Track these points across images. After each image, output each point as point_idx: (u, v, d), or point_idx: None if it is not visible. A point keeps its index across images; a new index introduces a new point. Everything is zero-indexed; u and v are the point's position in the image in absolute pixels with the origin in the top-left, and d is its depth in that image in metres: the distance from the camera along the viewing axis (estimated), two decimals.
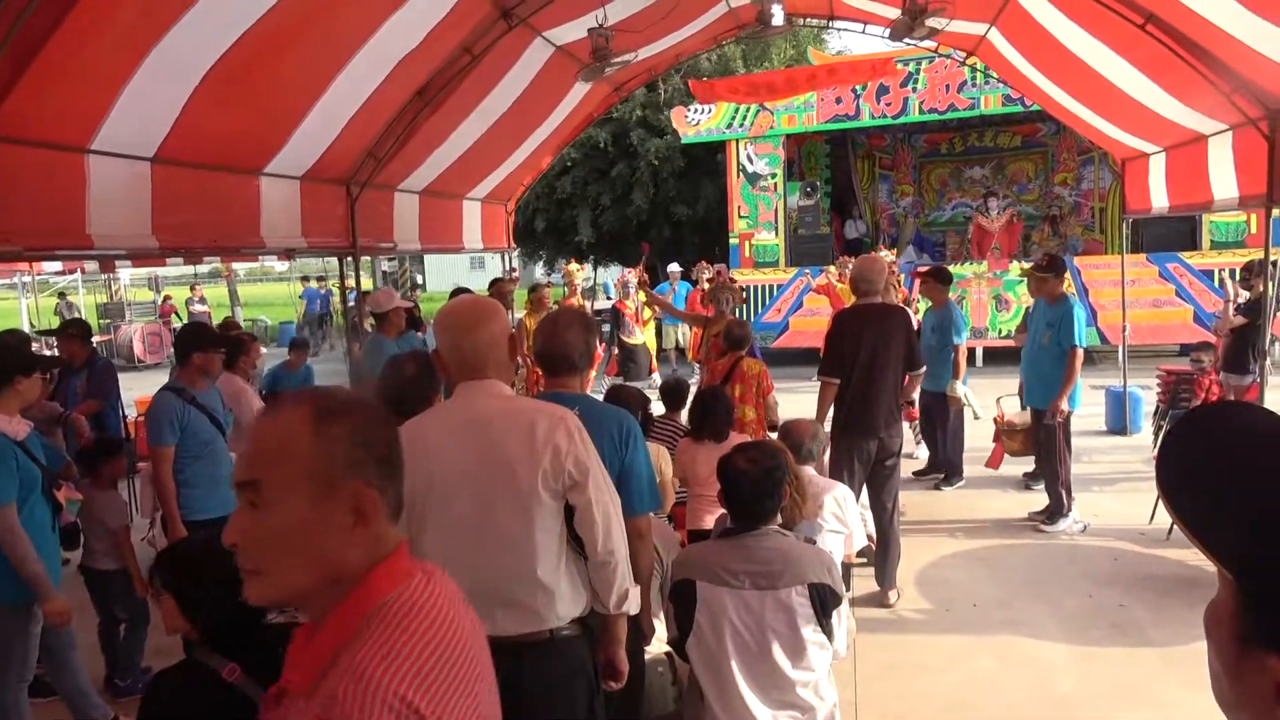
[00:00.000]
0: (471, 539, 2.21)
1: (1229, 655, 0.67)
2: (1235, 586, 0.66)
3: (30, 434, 3.64)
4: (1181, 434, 0.76)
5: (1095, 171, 15.48)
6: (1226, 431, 0.73)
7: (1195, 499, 0.70)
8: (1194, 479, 0.71)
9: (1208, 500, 0.69)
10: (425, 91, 5.96)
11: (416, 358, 3.13)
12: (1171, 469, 0.73)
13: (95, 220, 4.04)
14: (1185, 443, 0.75)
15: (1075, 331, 5.92)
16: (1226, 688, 0.69)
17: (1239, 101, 5.22)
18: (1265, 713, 0.63)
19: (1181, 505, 0.71)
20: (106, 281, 21.91)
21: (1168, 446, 0.75)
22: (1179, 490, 0.72)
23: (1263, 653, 0.62)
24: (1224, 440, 0.72)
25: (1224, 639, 0.68)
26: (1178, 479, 0.73)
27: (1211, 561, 0.68)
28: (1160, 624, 4.65)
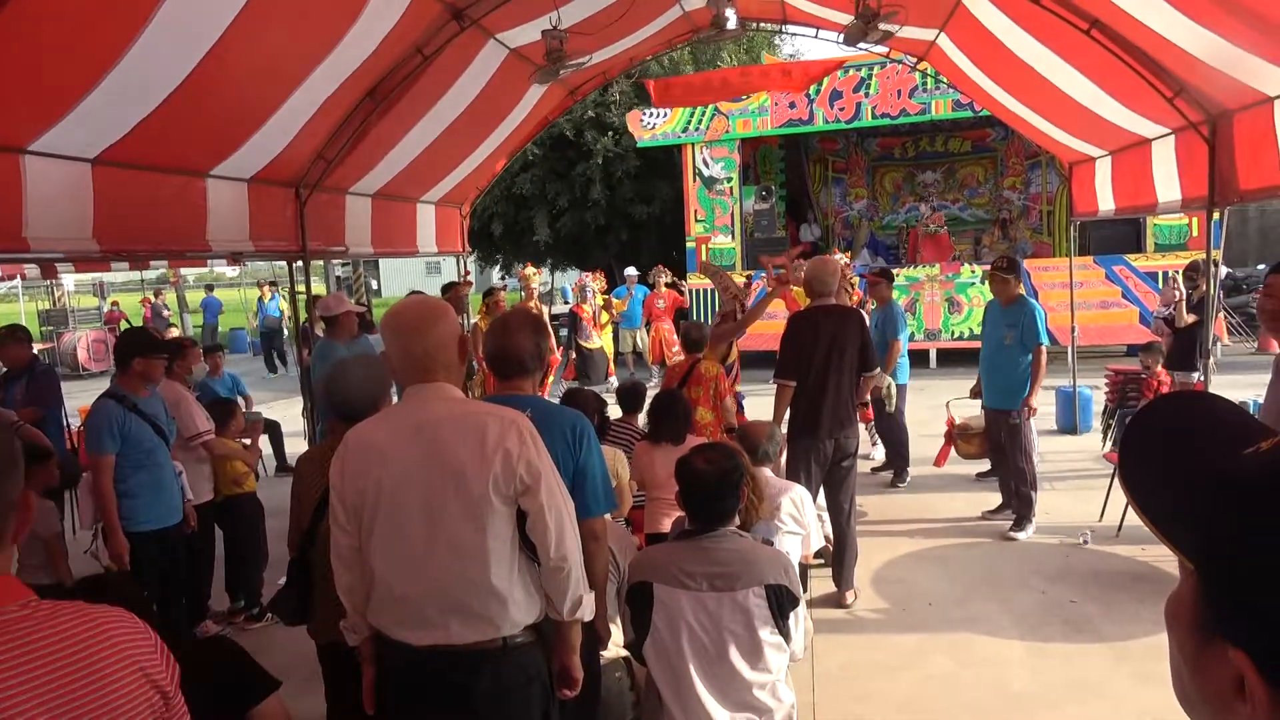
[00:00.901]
0: (421, 546, 2.15)
1: (1189, 648, 0.66)
2: (1196, 578, 0.65)
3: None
4: (1141, 425, 0.75)
5: (1043, 175, 15.77)
6: (1185, 421, 0.73)
7: (1155, 490, 0.70)
8: (1153, 470, 0.71)
9: (1168, 491, 0.68)
10: (376, 92, 5.87)
11: (364, 362, 3.06)
12: (1131, 460, 0.73)
13: (33, 222, 3.92)
14: (1145, 433, 0.74)
15: (1039, 330, 6.01)
16: (1187, 681, 0.67)
17: (1181, 105, 5.34)
18: (1224, 707, 0.62)
19: (1142, 497, 0.70)
20: (49, 287, 21.34)
21: (1128, 438, 0.74)
22: (1139, 481, 0.71)
23: (1223, 645, 0.61)
24: (1182, 430, 0.71)
25: (1185, 632, 0.66)
26: (1138, 470, 0.72)
27: (1173, 553, 0.67)
28: (1111, 619, 4.71)
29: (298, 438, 8.91)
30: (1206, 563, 0.64)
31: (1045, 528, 6.14)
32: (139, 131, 4.28)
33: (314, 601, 2.93)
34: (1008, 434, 6.17)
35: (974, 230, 16.17)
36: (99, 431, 4.08)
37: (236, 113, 4.90)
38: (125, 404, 4.16)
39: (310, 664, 3.10)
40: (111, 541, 4.08)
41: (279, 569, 3.16)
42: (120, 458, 4.10)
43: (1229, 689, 0.61)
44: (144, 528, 4.16)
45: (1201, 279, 7.83)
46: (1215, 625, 0.63)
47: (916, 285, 13.58)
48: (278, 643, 4.62)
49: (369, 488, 2.19)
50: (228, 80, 4.47)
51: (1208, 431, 0.69)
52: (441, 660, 2.18)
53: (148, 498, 4.19)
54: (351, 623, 2.34)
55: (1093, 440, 8.48)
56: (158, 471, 4.25)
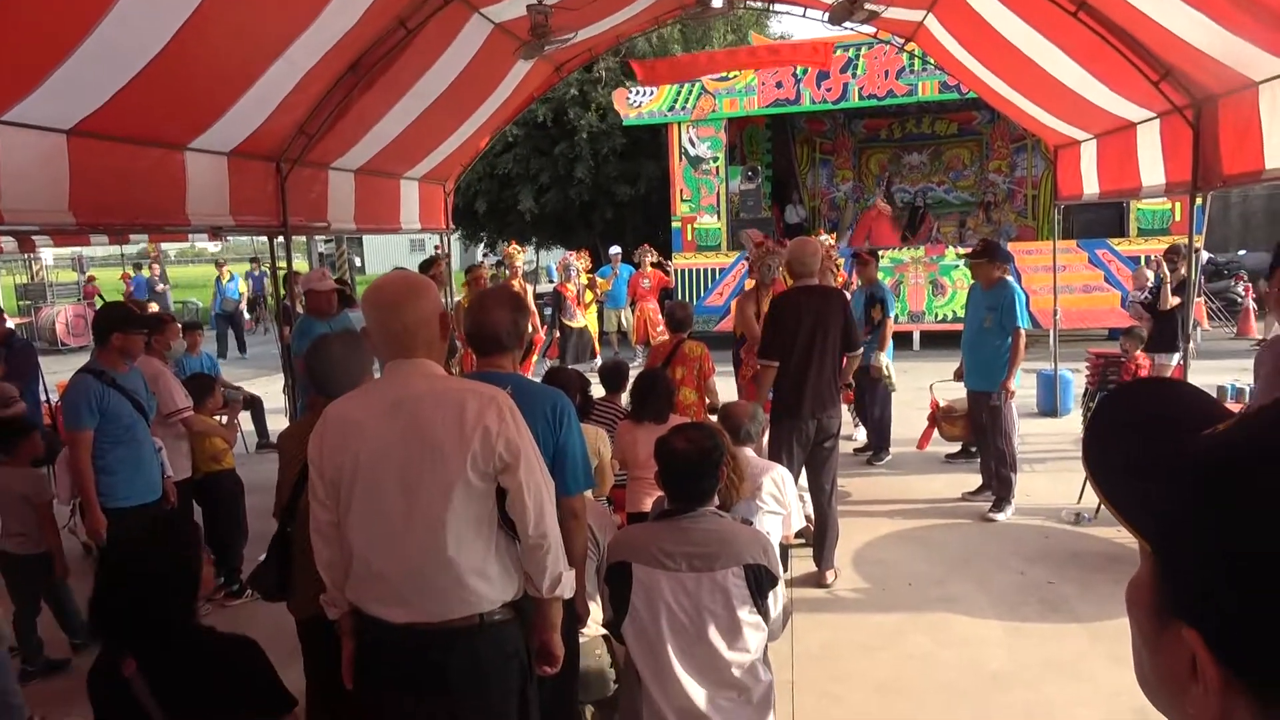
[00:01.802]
0: (399, 522, 2.14)
1: (1148, 630, 0.67)
2: (1154, 560, 0.65)
3: None
4: (1103, 408, 0.76)
5: (1028, 159, 15.79)
6: (1146, 406, 0.73)
7: (1115, 473, 0.70)
8: (1114, 453, 0.71)
9: (1127, 474, 0.69)
10: (358, 66, 5.80)
11: (344, 338, 3.03)
12: (1094, 443, 0.73)
13: (6, 194, 3.86)
14: (1107, 417, 0.75)
15: (1018, 313, 6.03)
16: (1146, 664, 0.68)
17: (1166, 89, 5.34)
18: (1180, 689, 0.62)
19: (1104, 479, 0.71)
20: (27, 261, 21.08)
21: (1092, 422, 0.75)
22: (1101, 464, 0.72)
23: (1178, 626, 0.61)
24: (1142, 413, 0.72)
25: (1144, 614, 0.67)
26: (1100, 453, 0.73)
27: (1132, 535, 0.67)
28: (1088, 600, 4.76)
29: (279, 414, 8.85)
30: (1162, 544, 0.65)
31: (1024, 509, 6.19)
32: (116, 102, 4.21)
33: (293, 577, 2.91)
34: (989, 416, 6.20)
35: (959, 213, 16.21)
36: (76, 407, 4.03)
37: (215, 82, 4.81)
38: (104, 379, 4.11)
39: (290, 639, 3.09)
40: (89, 518, 4.05)
41: (260, 545, 3.14)
42: (99, 433, 4.06)
43: (1184, 670, 0.61)
44: (123, 504, 4.13)
45: (1182, 262, 7.92)
46: (1171, 606, 0.63)
47: (901, 267, 13.61)
48: (258, 618, 4.60)
49: (347, 463, 2.18)
50: (206, 49, 4.38)
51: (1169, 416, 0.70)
52: (419, 637, 2.17)
53: (126, 474, 4.15)
54: (331, 597, 2.34)
55: (1073, 423, 8.54)
56: (137, 447, 4.21)
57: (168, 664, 2.04)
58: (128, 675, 2.00)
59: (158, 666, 2.02)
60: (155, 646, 2.05)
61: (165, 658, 2.05)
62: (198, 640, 2.15)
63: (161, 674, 2.03)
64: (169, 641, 2.09)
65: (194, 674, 2.07)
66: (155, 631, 2.07)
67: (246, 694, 2.10)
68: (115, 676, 2.02)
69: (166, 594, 2.08)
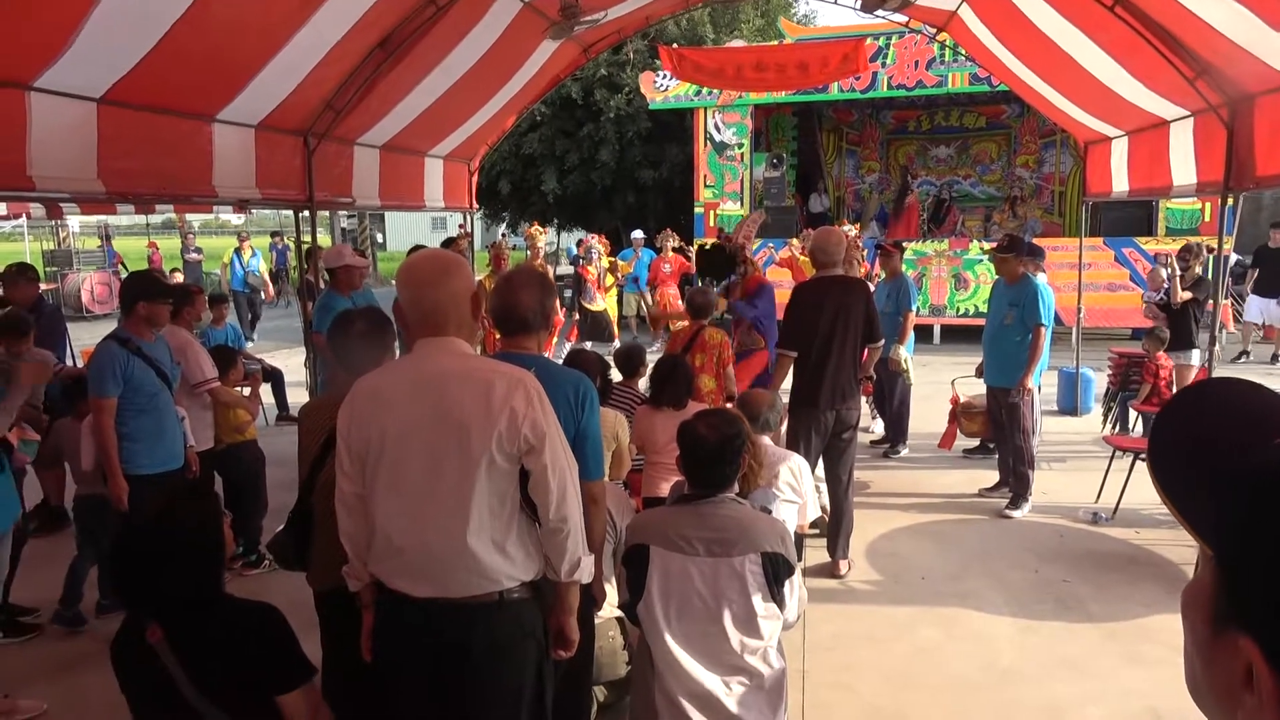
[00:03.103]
0: (422, 498, 2.16)
1: (1202, 636, 0.66)
2: (1214, 565, 0.64)
3: None
4: (1168, 411, 0.75)
5: (1056, 155, 15.64)
6: (1209, 406, 0.72)
7: (1178, 475, 0.69)
8: (1177, 455, 0.70)
9: (1190, 475, 0.68)
10: (387, 43, 5.80)
11: (367, 314, 3.05)
12: (1157, 445, 0.73)
13: (36, 161, 3.89)
14: (1170, 419, 0.74)
15: (1040, 310, 5.97)
16: (1198, 670, 0.67)
17: (1201, 87, 5.27)
18: (1232, 698, 0.61)
19: (1166, 481, 0.70)
20: (54, 228, 21.26)
21: (1159, 421, 0.75)
22: (1164, 466, 0.71)
23: (1236, 633, 0.60)
24: (1206, 415, 0.71)
25: (1199, 619, 0.66)
26: (1163, 455, 0.72)
27: (1194, 539, 0.67)
28: (1102, 600, 4.74)
29: (299, 388, 8.92)
30: (1223, 550, 0.64)
31: (1041, 507, 6.16)
32: (143, 69, 4.21)
33: (312, 549, 2.94)
34: (1007, 412, 6.17)
35: (984, 207, 16.08)
36: (102, 373, 4.07)
37: (241, 48, 4.78)
38: (129, 347, 4.15)
39: (307, 611, 3.12)
40: (111, 483, 4.10)
41: (279, 517, 3.17)
42: (122, 400, 4.10)
43: (1238, 679, 0.61)
44: (144, 471, 4.17)
45: (1194, 260, 7.95)
46: (1229, 612, 0.62)
47: (924, 260, 13.51)
48: (275, 589, 4.66)
49: (374, 437, 2.20)
50: (232, 10, 4.38)
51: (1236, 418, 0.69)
52: (438, 612, 2.19)
53: (149, 442, 4.19)
54: (353, 569, 2.36)
55: (1093, 422, 8.49)
56: (159, 416, 4.25)
57: (193, 631, 2.07)
58: (153, 642, 2.03)
59: (183, 633, 2.05)
60: (181, 614, 2.08)
61: (190, 625, 2.08)
62: (223, 607, 2.17)
63: (187, 641, 2.06)
64: (195, 609, 2.11)
65: (219, 641, 2.09)
66: (182, 599, 2.10)
67: (269, 660, 2.13)
68: (141, 643, 2.05)
69: (194, 562, 2.11)
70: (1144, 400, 7.06)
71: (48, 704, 3.83)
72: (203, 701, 2.02)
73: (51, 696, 3.89)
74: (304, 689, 2.17)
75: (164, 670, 2.01)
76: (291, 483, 3.25)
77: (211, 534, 2.16)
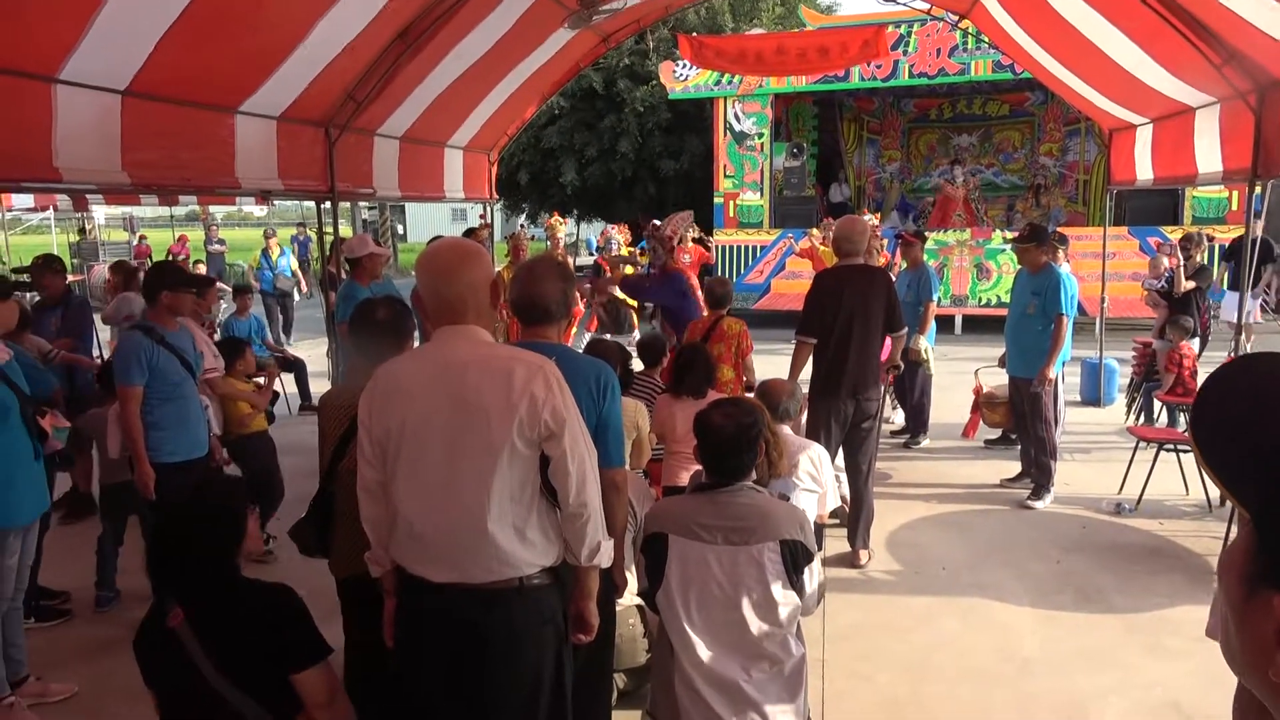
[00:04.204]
0: (443, 485, 2.18)
1: (1236, 597, 0.68)
2: (1251, 528, 0.66)
3: (10, 361, 3.58)
4: (1213, 382, 0.77)
5: (1081, 143, 15.48)
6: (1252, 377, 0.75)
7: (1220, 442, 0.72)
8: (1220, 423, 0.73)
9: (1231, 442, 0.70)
10: (408, 33, 5.82)
11: (388, 302, 3.07)
12: (1201, 414, 0.75)
13: (63, 153, 3.93)
14: (1215, 389, 0.77)
15: (1062, 300, 5.92)
16: (1232, 631, 0.69)
17: (1229, 74, 5.20)
18: (1264, 656, 0.63)
19: (1208, 448, 0.73)
20: (80, 220, 21.50)
21: (1203, 390, 0.78)
22: (1207, 434, 0.74)
23: (1269, 593, 0.63)
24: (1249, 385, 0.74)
25: (1234, 580, 0.68)
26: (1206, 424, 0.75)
27: (1234, 504, 0.69)
28: (1125, 591, 4.71)
29: (322, 377, 8.99)
30: (1262, 513, 0.66)
31: (1063, 498, 6.12)
32: (165, 58, 4.22)
33: (333, 536, 2.97)
34: (1029, 402, 6.13)
35: (1007, 196, 15.95)
36: (127, 363, 4.12)
37: (261, 37, 4.79)
38: (153, 336, 4.19)
39: (329, 598, 3.16)
40: (138, 471, 4.15)
41: (301, 505, 3.21)
42: (148, 389, 4.14)
43: (1270, 638, 0.63)
44: (169, 459, 4.22)
45: (1195, 249, 7.95)
46: (1264, 573, 0.64)
47: (946, 250, 13.43)
48: (296, 576, 4.70)
49: (394, 424, 2.22)
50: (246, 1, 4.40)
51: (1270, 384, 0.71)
52: (459, 597, 2.21)
53: (174, 430, 4.24)
54: (375, 555, 2.39)
55: (1116, 413, 8.42)
56: (184, 404, 4.29)
57: (214, 615, 2.11)
58: (175, 626, 2.06)
59: (204, 617, 2.09)
60: (202, 598, 2.13)
61: (211, 609, 2.13)
62: (241, 591, 2.23)
63: (208, 622, 2.11)
64: (215, 593, 2.17)
65: (238, 623, 2.14)
66: (202, 584, 2.16)
67: (285, 638, 2.18)
68: (163, 630, 2.08)
69: (211, 549, 2.19)
70: (1168, 390, 7.00)
71: (78, 687, 3.90)
72: (222, 682, 2.06)
73: (81, 680, 3.95)
74: (320, 667, 2.21)
75: (185, 655, 2.06)
76: (313, 471, 3.29)
77: (237, 517, 2.25)
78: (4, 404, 3.50)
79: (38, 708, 3.74)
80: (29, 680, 3.82)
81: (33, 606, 4.47)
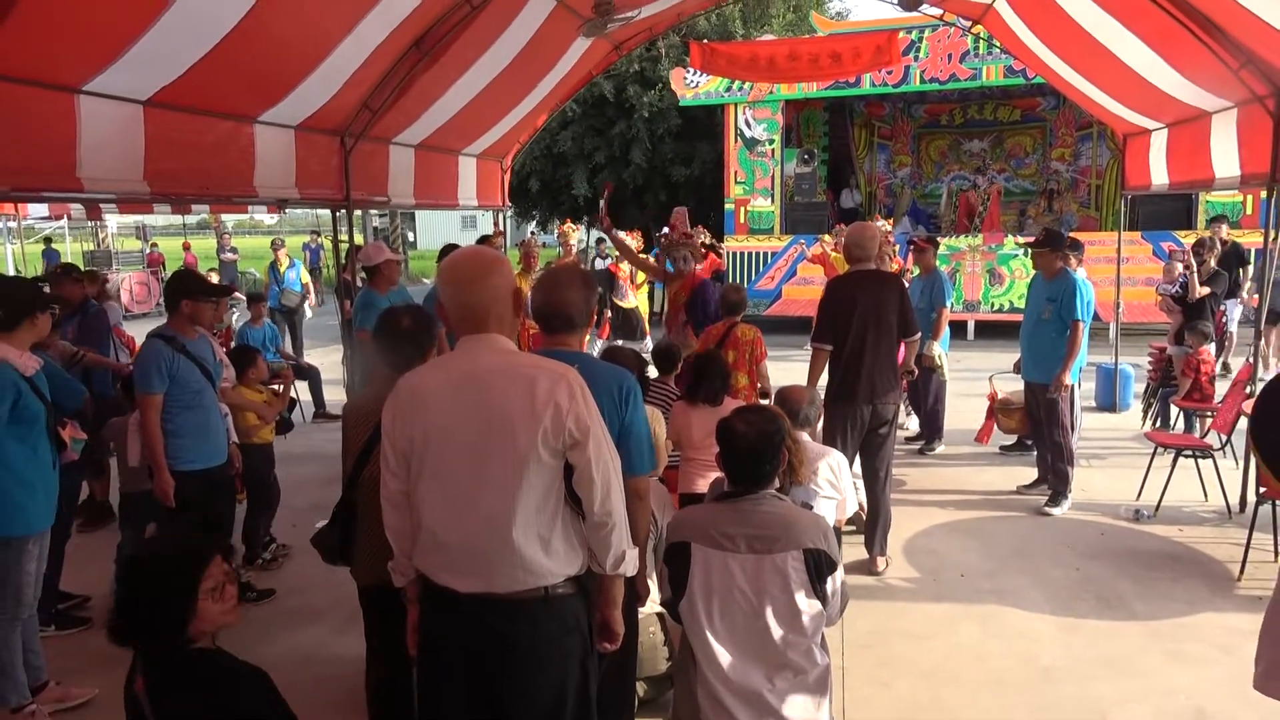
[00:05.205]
0: (468, 495, 2.18)
1: None
2: None
3: (38, 372, 3.61)
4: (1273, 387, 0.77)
5: (1093, 148, 15.43)
6: None
7: None
8: None
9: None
10: (423, 43, 5.85)
11: (412, 311, 3.08)
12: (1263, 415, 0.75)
13: (86, 163, 3.98)
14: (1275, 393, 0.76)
15: (1077, 305, 5.90)
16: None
17: (1246, 78, 5.19)
18: None
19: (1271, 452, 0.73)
20: (93, 229, 21.66)
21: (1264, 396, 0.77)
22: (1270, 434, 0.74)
23: None
24: None
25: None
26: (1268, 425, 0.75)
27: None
28: (1145, 598, 4.68)
29: (336, 385, 9.03)
30: None
31: (1081, 504, 6.09)
32: (190, 75, 4.31)
33: (357, 544, 2.98)
34: (1045, 409, 6.10)
35: (1019, 201, 15.91)
36: (147, 370, 4.14)
37: (287, 57, 4.90)
38: (174, 345, 4.22)
39: (350, 604, 3.17)
40: (158, 479, 4.17)
41: (322, 512, 3.22)
42: (168, 398, 4.16)
43: None
44: (189, 467, 4.23)
45: (1209, 254, 7.93)
46: None
47: (958, 255, 13.40)
48: (320, 584, 4.73)
49: (418, 434, 2.22)
50: (279, 25, 4.47)
51: None
52: (483, 607, 2.21)
53: (193, 438, 4.26)
54: (398, 565, 2.39)
55: (1132, 419, 8.38)
56: (204, 413, 4.31)
57: (170, 686, 1.98)
58: (136, 692, 1.98)
59: (162, 686, 1.98)
60: (160, 664, 1.99)
61: (168, 680, 1.98)
62: (204, 665, 2.03)
63: (163, 695, 1.97)
64: (170, 663, 2.00)
65: (196, 699, 1.97)
66: (154, 649, 2.00)
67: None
68: (131, 691, 2.00)
69: (152, 619, 1.97)
70: (1185, 396, 6.96)
71: (97, 690, 3.91)
72: None
73: (101, 685, 3.96)
74: None
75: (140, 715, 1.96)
76: (331, 479, 3.30)
77: (183, 576, 1.99)
78: (34, 413, 3.53)
79: (59, 713, 3.76)
80: (49, 685, 3.84)
81: (52, 614, 4.50)
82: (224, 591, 2.05)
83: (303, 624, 4.60)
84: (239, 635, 4.25)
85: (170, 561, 2.04)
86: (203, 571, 2.01)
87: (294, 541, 5.46)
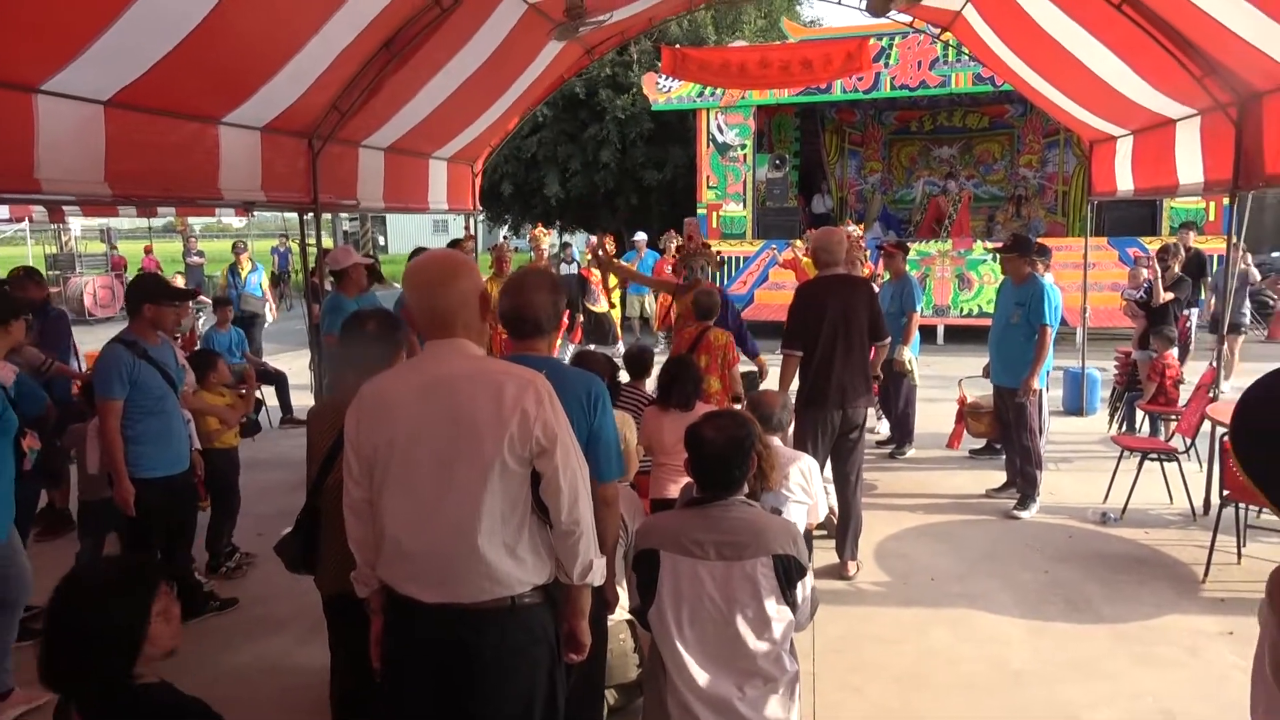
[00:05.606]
0: (433, 503, 2.14)
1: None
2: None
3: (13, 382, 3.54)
4: (1251, 396, 0.75)
5: (1060, 155, 15.62)
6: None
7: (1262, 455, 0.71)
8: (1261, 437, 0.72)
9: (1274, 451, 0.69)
10: (392, 44, 5.79)
11: (378, 315, 3.04)
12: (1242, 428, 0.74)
13: (44, 164, 3.89)
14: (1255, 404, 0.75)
15: (1045, 310, 5.94)
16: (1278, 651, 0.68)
17: (1210, 85, 5.26)
18: None
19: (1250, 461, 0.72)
20: (56, 232, 21.28)
21: (1242, 408, 0.75)
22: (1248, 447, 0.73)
23: None
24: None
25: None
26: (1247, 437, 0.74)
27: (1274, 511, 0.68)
28: (1112, 600, 4.72)
29: (304, 390, 8.92)
30: None
31: (1049, 508, 6.14)
32: (153, 74, 4.24)
33: (320, 553, 2.93)
34: (1013, 412, 6.15)
35: (988, 207, 16.07)
36: (108, 376, 4.06)
37: (252, 57, 4.83)
38: (135, 350, 4.13)
39: (316, 613, 3.12)
40: (118, 487, 4.08)
41: (286, 519, 3.16)
42: (129, 404, 4.08)
43: None
44: (150, 474, 4.16)
45: (1173, 259, 8.07)
46: None
47: (928, 260, 13.50)
48: (283, 593, 4.65)
49: (382, 441, 2.18)
50: (244, 24, 4.40)
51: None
52: (449, 617, 2.17)
53: (155, 445, 4.17)
54: (361, 575, 2.34)
55: (1098, 423, 8.47)
56: (166, 419, 4.23)
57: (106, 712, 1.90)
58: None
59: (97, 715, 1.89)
60: (96, 703, 1.90)
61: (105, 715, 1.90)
62: (144, 700, 1.93)
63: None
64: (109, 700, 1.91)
65: None
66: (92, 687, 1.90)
67: None
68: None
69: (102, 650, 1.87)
70: (1150, 400, 7.04)
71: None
72: None
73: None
74: None
75: None
76: (296, 485, 3.24)
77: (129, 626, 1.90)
78: (10, 424, 3.46)
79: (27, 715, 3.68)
80: (15, 692, 3.76)
81: None
82: (169, 613, 1.98)
83: (267, 634, 4.52)
84: (201, 647, 4.20)
85: (119, 586, 1.95)
86: (154, 594, 1.94)
87: (259, 550, 5.37)
